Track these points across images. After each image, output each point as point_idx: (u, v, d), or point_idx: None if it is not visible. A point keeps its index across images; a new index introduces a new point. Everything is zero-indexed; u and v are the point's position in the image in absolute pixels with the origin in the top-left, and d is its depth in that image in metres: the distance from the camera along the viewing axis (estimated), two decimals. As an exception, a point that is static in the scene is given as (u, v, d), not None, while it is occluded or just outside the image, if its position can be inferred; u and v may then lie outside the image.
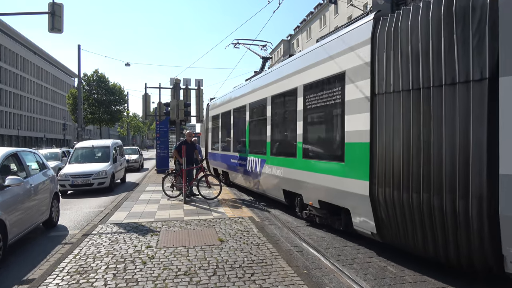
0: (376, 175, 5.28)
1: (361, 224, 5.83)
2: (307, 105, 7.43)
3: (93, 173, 13.23)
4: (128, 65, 35.88)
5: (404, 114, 4.86)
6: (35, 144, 69.09)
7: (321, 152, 7.07)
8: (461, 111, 4.22)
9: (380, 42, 5.28)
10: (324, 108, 6.88)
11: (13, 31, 66.43)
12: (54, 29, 11.72)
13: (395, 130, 5.00)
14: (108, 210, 9.23)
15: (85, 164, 14.27)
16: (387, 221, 5.29)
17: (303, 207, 7.86)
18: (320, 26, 52.73)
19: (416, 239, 4.89)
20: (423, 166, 4.59)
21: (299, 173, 7.61)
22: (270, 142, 9.33)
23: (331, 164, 6.50)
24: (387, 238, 5.48)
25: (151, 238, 6.44)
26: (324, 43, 6.99)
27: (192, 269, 4.91)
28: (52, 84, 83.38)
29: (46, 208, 7.58)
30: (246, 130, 11.30)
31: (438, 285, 4.53)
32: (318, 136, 7.39)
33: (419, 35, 4.70)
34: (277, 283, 4.42)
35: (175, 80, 19.68)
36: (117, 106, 55.60)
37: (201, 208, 9.38)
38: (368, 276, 4.85)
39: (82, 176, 13.11)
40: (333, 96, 6.47)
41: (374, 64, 5.39)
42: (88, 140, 16.61)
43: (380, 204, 5.26)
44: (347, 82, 6.00)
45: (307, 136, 7.50)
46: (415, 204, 4.72)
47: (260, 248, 5.81)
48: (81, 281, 4.53)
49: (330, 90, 6.58)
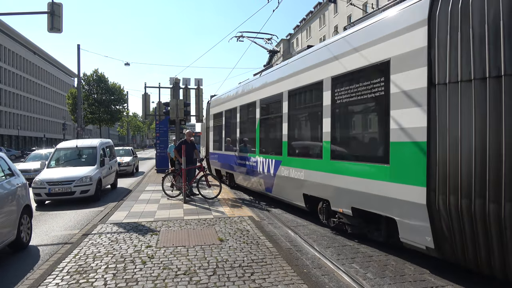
0: (437, 180, 4.47)
1: (411, 236, 4.96)
2: (336, 99, 6.54)
3: (75, 179, 11.00)
4: (127, 64, 35.88)
5: (477, 107, 4.06)
6: (35, 144, 69.12)
7: (356, 153, 6.21)
8: None
9: (440, 22, 4.45)
10: (359, 102, 6.03)
11: (12, 31, 66.40)
12: (54, 29, 11.71)
13: (463, 126, 4.19)
14: (108, 210, 9.22)
15: (66, 168, 12.19)
16: (449, 235, 4.45)
17: (329, 215, 7.02)
18: (319, 25, 52.70)
19: (492, 259, 4.08)
20: (506, 169, 3.83)
21: (326, 176, 6.78)
22: (287, 141, 8.48)
23: (370, 167, 5.62)
24: (448, 254, 4.61)
25: (151, 238, 6.44)
26: (358, 29, 6.11)
27: (192, 268, 4.91)
28: (51, 84, 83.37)
29: (12, 227, 6.01)
30: (256, 128, 10.42)
31: (438, 284, 4.52)
32: (351, 134, 6.52)
33: (499, 8, 3.88)
34: (277, 283, 4.42)
35: (174, 79, 19.69)
36: (117, 105, 55.71)
37: (201, 208, 9.37)
38: (368, 275, 4.85)
39: (61, 183, 10.85)
40: (373, 89, 5.61)
41: (432, 49, 4.55)
42: (72, 140, 14.49)
43: (441, 214, 4.45)
44: (393, 71, 5.16)
45: (337, 134, 6.64)
46: (494, 216, 3.92)
47: (260, 248, 5.81)
48: (81, 281, 4.53)
49: (368, 82, 5.70)
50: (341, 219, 6.60)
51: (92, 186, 11.30)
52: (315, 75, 7.28)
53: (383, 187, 5.31)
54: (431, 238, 4.65)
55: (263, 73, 10.69)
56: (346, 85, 6.30)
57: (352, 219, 6.28)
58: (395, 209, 5.18)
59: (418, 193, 4.68)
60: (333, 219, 6.88)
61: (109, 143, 15.05)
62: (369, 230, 6.10)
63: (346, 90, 6.28)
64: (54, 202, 11.22)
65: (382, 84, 5.40)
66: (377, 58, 5.50)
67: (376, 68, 5.55)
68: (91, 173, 11.56)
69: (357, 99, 6.03)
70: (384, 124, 5.38)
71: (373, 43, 5.59)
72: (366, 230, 6.16)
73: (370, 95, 5.70)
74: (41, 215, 9.52)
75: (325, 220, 7.18)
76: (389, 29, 5.30)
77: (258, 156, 10.15)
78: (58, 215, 9.57)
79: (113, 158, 14.93)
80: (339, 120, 6.62)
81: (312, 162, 7.34)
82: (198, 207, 9.45)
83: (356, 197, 5.96)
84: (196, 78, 20.23)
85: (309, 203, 7.76)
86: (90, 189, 11.23)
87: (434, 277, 4.75)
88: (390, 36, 5.27)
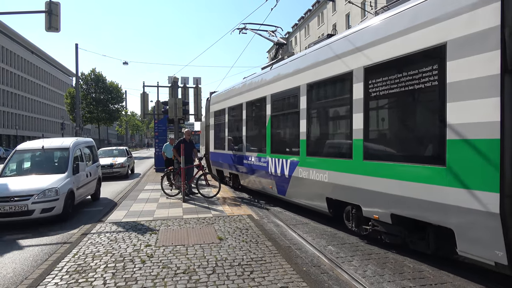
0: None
1: (475, 250, 4.26)
2: (371, 92, 5.76)
3: (34, 194, 7.89)
4: (126, 63, 35.82)
5: None
6: (34, 144, 68.91)
7: (398, 152, 5.36)
8: None
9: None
10: (401, 95, 5.23)
11: (10, 30, 66.17)
12: (51, 28, 11.68)
13: None
14: (107, 209, 9.21)
15: (26, 177, 8.92)
16: None
17: (360, 221, 6.33)
18: (318, 23, 52.67)
19: None
20: None
21: (357, 178, 6.03)
22: (306, 140, 7.72)
23: (418, 169, 4.87)
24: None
25: (150, 237, 6.43)
26: (400, 12, 5.31)
27: (191, 267, 4.91)
28: (50, 83, 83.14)
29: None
30: (267, 126, 9.63)
31: (437, 282, 4.53)
32: (391, 132, 5.68)
33: None
34: (276, 281, 4.42)
35: (173, 78, 19.65)
36: (115, 105, 55.65)
37: (200, 207, 9.37)
38: (367, 273, 4.85)
39: (13, 198, 7.74)
40: (421, 79, 4.86)
41: (507, 29, 3.90)
42: (38, 140, 11.09)
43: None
44: (450, 57, 4.44)
45: (372, 132, 5.88)
46: None
47: (259, 246, 5.81)
48: (80, 280, 4.53)
49: (415, 71, 4.94)
50: (376, 226, 5.86)
51: (58, 202, 8.18)
52: (343, 65, 6.46)
53: (437, 192, 4.58)
54: (503, 253, 3.93)
55: (274, 66, 9.83)
56: (385, 76, 5.49)
57: (391, 227, 5.53)
58: (452, 218, 4.45)
59: (488, 199, 4.01)
60: (365, 226, 6.14)
61: (89, 143, 11.90)
62: (411, 240, 5.35)
63: (385, 81, 5.49)
64: (4, 224, 7.87)
65: (435, 73, 4.67)
66: (428, 42, 4.76)
67: (426, 55, 4.82)
68: (57, 184, 8.42)
69: (399, 91, 5.22)
70: (437, 120, 4.69)
71: (421, 26, 4.85)
72: (408, 240, 5.41)
73: (417, 86, 4.93)
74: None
75: (355, 228, 6.41)
76: (443, 8, 4.59)
77: (269, 156, 9.44)
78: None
79: (94, 162, 11.70)
80: (376, 115, 5.91)
81: (338, 163, 6.58)
82: (197, 206, 9.45)
83: (398, 203, 5.24)
84: (194, 77, 20.24)
85: (333, 207, 7.05)
86: (55, 206, 8.11)
87: (433, 274, 4.76)
88: (445, 16, 4.52)
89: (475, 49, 4.17)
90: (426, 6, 4.86)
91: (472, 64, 4.19)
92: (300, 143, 7.90)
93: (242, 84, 11.81)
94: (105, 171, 16.48)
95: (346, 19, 43.73)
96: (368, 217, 5.98)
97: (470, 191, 4.19)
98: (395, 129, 5.60)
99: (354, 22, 40.37)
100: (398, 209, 5.27)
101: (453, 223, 4.45)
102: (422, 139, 5.02)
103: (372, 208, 5.80)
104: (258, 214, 8.65)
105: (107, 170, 17.14)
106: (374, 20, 5.91)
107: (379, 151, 5.73)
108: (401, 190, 5.13)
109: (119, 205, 9.68)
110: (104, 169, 16.29)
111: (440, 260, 5.14)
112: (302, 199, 8.16)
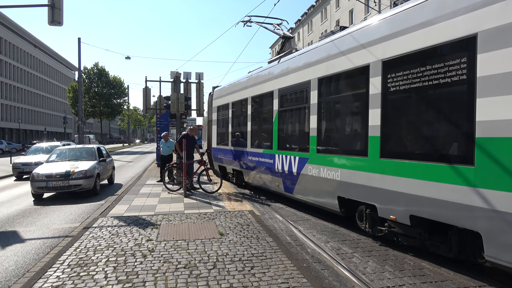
0: None
1: (506, 256, 3.96)
2: (390, 87, 5.49)
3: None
4: (128, 58, 35.83)
5: None
6: (36, 137, 69.17)
7: (421, 151, 5.06)
8: None
9: None
10: (423, 90, 4.97)
11: (13, 24, 66.14)
12: (54, 22, 11.65)
13: None
14: (109, 204, 9.25)
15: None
16: None
17: (374, 222, 6.06)
18: (321, 19, 52.45)
19: None
20: None
21: (373, 177, 5.78)
22: (317, 136, 7.41)
23: (443, 168, 4.60)
24: None
25: (152, 231, 6.46)
26: (419, 2, 5.07)
27: (192, 262, 4.93)
28: (52, 77, 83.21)
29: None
30: (274, 121, 9.33)
31: (437, 279, 4.54)
32: (413, 128, 5.30)
33: None
34: (276, 277, 4.43)
35: (175, 73, 19.61)
36: (118, 99, 55.73)
37: (201, 202, 9.39)
38: (367, 270, 4.86)
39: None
40: (447, 72, 4.61)
41: None
42: None
43: None
44: (481, 49, 4.19)
45: (390, 128, 5.57)
46: None
47: (260, 242, 5.83)
48: (81, 274, 4.55)
49: (440, 64, 4.69)
50: (393, 228, 5.57)
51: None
52: (357, 59, 6.22)
53: (463, 193, 4.33)
54: None
55: (281, 59, 9.45)
56: (405, 69, 5.23)
57: (409, 229, 5.27)
58: (480, 221, 4.17)
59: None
60: (381, 227, 5.85)
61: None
62: (431, 243, 5.08)
63: (406, 75, 5.23)
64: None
65: (464, 66, 4.39)
66: (455, 34, 4.49)
67: (454, 47, 4.55)
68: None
69: (421, 85, 4.96)
70: (464, 116, 4.41)
71: (447, 17, 4.60)
72: (428, 243, 5.14)
73: (442, 81, 4.68)
74: (42, 209, 9.53)
75: (369, 229, 6.12)
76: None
77: (276, 153, 9.14)
78: (58, 208, 9.55)
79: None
80: (395, 111, 5.57)
81: (352, 160, 6.32)
82: (199, 201, 9.47)
83: (418, 204, 4.96)
84: (197, 72, 20.16)
85: (346, 207, 6.78)
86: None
87: (433, 271, 4.77)
88: (475, 6, 4.28)
89: (509, 41, 3.92)
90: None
91: (506, 57, 3.94)
92: (310, 140, 7.60)
93: (247, 78, 11.52)
94: (56, 185, 10.54)
95: (350, 15, 43.51)
96: (383, 218, 5.73)
97: (501, 193, 3.93)
98: (416, 126, 5.23)
99: (358, 18, 40.17)
100: (419, 210, 4.99)
101: (480, 227, 4.18)
102: (448, 137, 4.75)
103: (389, 208, 5.51)
104: (259, 210, 8.67)
105: (59, 182, 10.55)
106: (393, 11, 5.61)
107: (399, 149, 5.45)
108: (422, 190, 4.86)
109: (121, 200, 9.71)
110: (55, 180, 10.53)
111: (440, 258, 5.14)
112: (311, 197, 7.84)
